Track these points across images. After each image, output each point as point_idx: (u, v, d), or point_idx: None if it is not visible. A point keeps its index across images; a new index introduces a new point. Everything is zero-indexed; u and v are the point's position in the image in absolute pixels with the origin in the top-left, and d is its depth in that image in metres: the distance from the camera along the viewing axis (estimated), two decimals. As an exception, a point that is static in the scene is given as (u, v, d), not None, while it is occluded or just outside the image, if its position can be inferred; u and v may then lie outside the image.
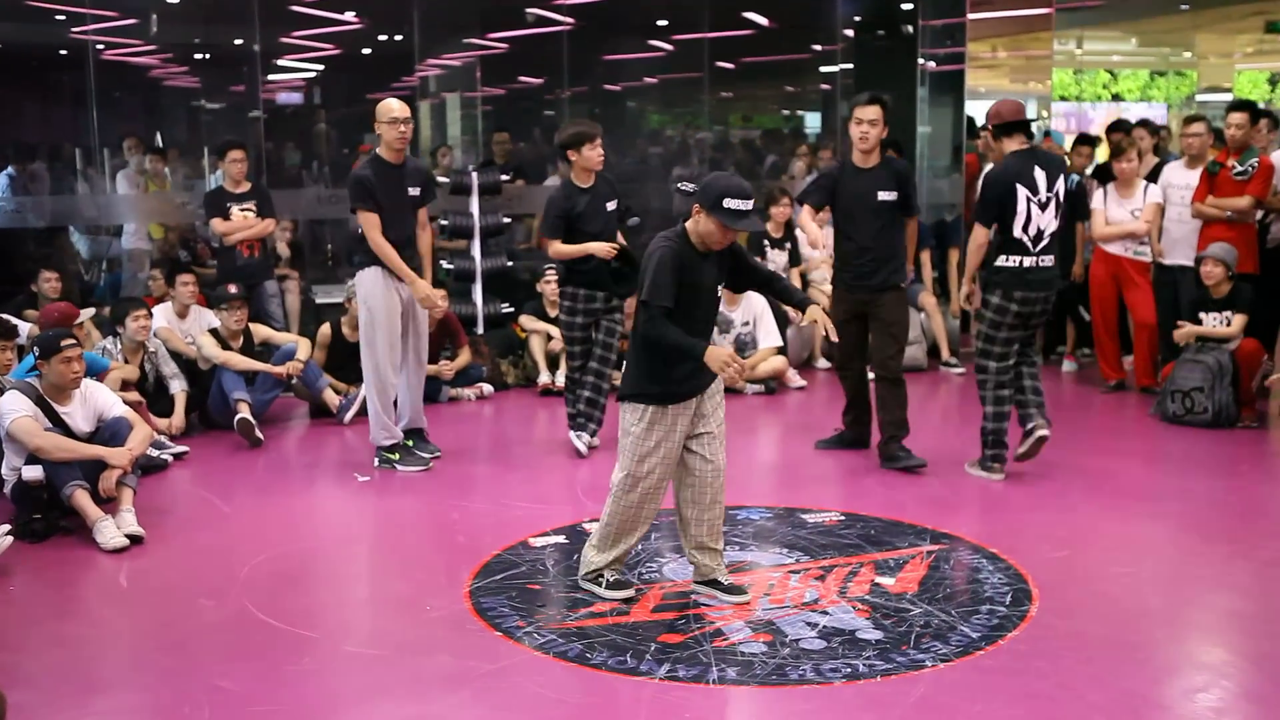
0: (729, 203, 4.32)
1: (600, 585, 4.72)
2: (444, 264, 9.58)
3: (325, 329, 8.26)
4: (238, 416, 7.24)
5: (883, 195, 6.48)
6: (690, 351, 4.34)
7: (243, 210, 8.59)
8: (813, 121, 14.01)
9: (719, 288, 4.58)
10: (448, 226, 9.65)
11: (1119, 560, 5.13)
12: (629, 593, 4.69)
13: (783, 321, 9.06)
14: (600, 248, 6.55)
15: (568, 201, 6.65)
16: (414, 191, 6.65)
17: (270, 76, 11.17)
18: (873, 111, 6.46)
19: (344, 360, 8.00)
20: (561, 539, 5.43)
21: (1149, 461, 6.92)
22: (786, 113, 14.44)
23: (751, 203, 4.36)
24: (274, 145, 11.12)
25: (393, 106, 6.51)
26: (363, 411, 7.81)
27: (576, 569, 4.89)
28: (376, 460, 6.74)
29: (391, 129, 6.51)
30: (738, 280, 4.70)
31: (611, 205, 6.75)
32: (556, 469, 6.71)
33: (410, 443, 6.83)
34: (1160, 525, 5.65)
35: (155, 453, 6.69)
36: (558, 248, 6.66)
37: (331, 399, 7.82)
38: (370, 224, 6.46)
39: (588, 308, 6.74)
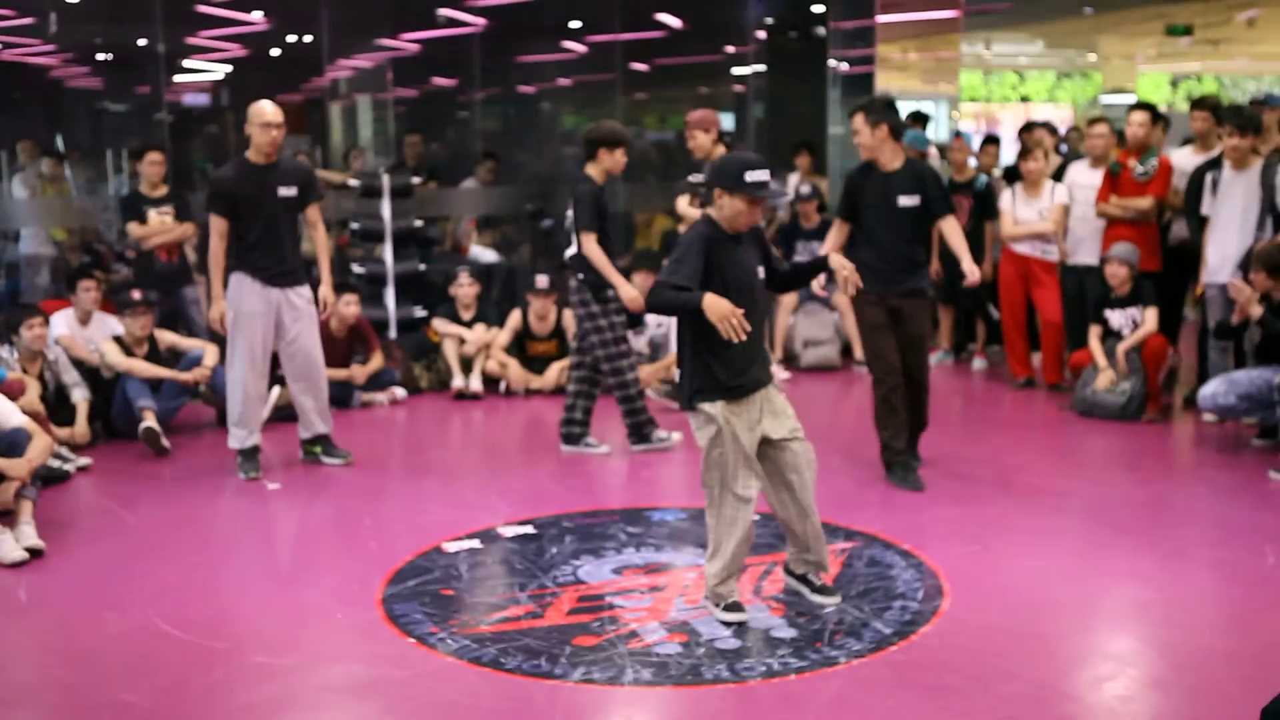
0: (751, 175, 4.27)
1: (718, 606, 4.52)
2: (355, 267, 9.48)
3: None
4: (143, 425, 7.10)
5: (904, 200, 6.16)
6: (686, 304, 4.19)
7: (160, 214, 8.44)
8: (726, 122, 14.07)
9: (760, 273, 4.46)
10: (359, 230, 9.55)
11: (1029, 554, 5.20)
12: (742, 615, 4.48)
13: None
14: (630, 295, 6.54)
15: (601, 197, 6.58)
16: (287, 192, 6.51)
17: (176, 78, 10.98)
18: (853, 122, 6.22)
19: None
20: (476, 543, 5.40)
21: (1057, 456, 7.04)
22: (701, 114, 14.51)
23: (768, 171, 4.32)
24: (179, 148, 10.94)
25: (265, 110, 6.40)
26: (279, 416, 7.73)
27: (491, 573, 4.84)
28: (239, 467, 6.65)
29: (263, 133, 6.39)
30: (767, 275, 4.56)
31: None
32: (471, 473, 6.67)
33: (318, 448, 6.80)
34: (1069, 519, 5.74)
35: (57, 463, 6.54)
36: (593, 248, 6.53)
37: (241, 405, 7.68)
38: (215, 230, 6.39)
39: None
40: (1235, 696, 3.80)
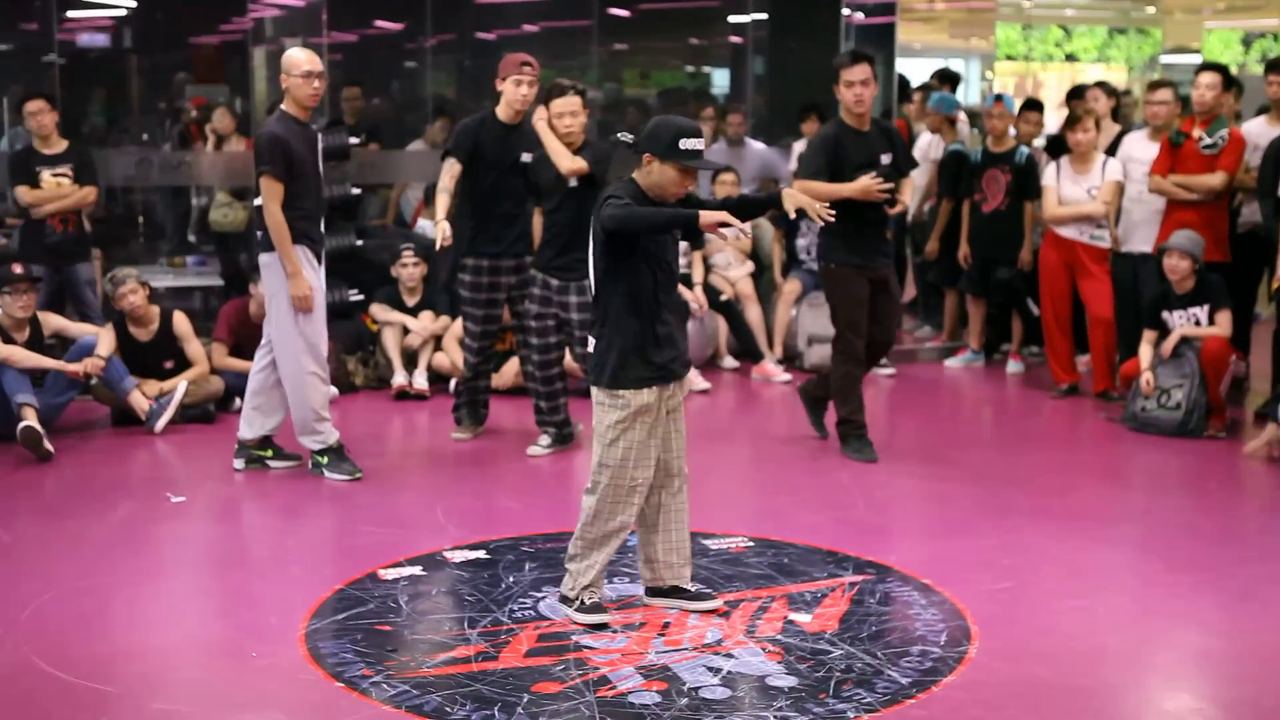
0: (685, 143, 4.54)
1: (571, 606, 4.81)
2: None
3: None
4: (21, 424, 7.06)
5: (885, 159, 6.89)
6: (676, 219, 4.54)
7: (56, 176, 8.40)
8: (720, 80, 14.06)
9: (679, 244, 4.82)
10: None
11: (1070, 592, 5.19)
12: (604, 617, 4.77)
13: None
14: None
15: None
16: (323, 155, 6.84)
17: (69, 14, 10.89)
18: (860, 72, 6.87)
19: (142, 359, 7.85)
20: (418, 570, 5.37)
21: (1106, 478, 7.05)
22: (690, 69, 14.47)
23: (703, 140, 4.61)
24: (73, 96, 10.84)
25: (301, 58, 6.54)
26: (181, 418, 7.68)
27: (436, 605, 4.81)
28: (311, 465, 6.78)
29: (304, 85, 6.53)
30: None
31: None
32: (413, 487, 6.64)
33: (270, 452, 6.91)
34: (1118, 551, 5.74)
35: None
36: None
37: (139, 403, 7.64)
38: (273, 194, 6.47)
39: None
40: (1314, 763, 3.80)
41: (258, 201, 6.55)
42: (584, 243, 5.95)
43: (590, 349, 4.83)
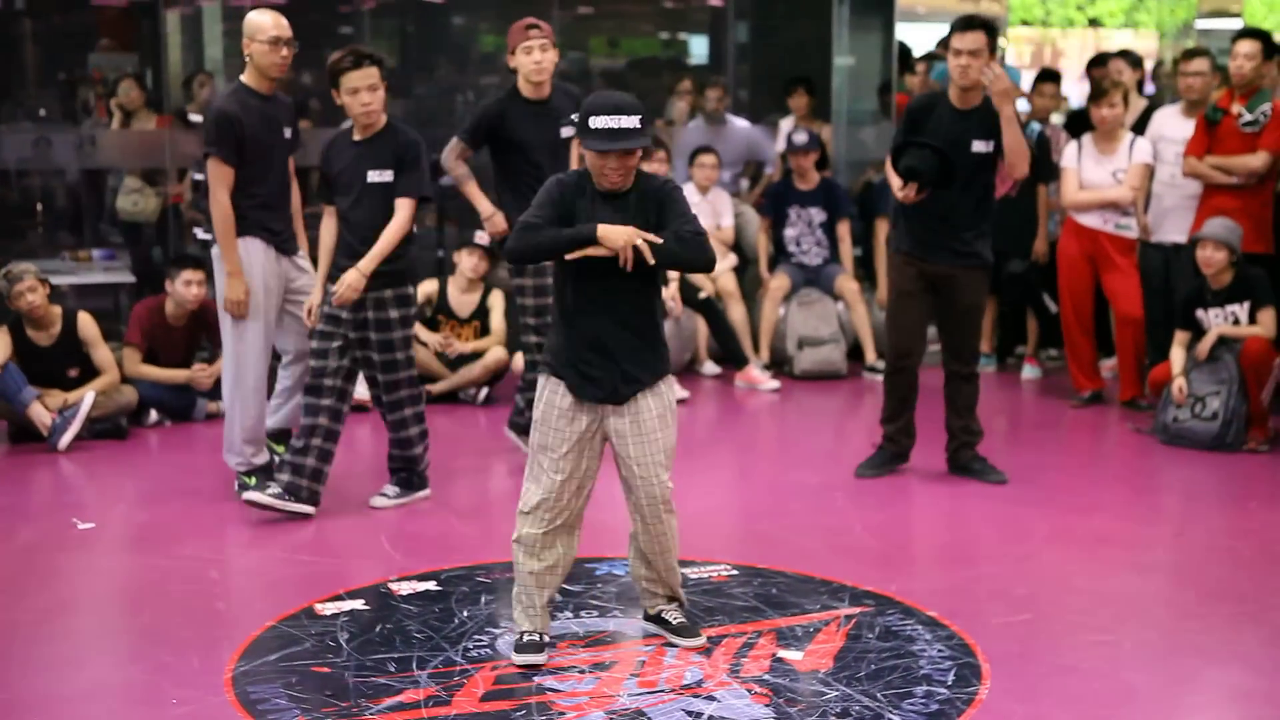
0: (594, 121, 4.56)
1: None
2: (199, 233, 9.43)
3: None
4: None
5: (977, 145, 6.79)
6: (575, 239, 4.59)
7: None
8: (698, 49, 14.11)
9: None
10: (203, 183, 9.50)
11: (1094, 625, 5.24)
12: (538, 657, 4.84)
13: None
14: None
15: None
16: (287, 135, 6.76)
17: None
18: (971, 40, 6.74)
19: (43, 367, 7.85)
20: (360, 604, 5.39)
21: (1134, 496, 7.11)
22: (665, 36, 14.51)
23: (630, 118, 4.56)
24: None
25: (266, 23, 6.53)
26: (89, 434, 7.67)
27: (381, 643, 4.85)
28: (238, 486, 6.75)
29: (270, 52, 6.52)
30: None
31: None
32: (354, 510, 6.65)
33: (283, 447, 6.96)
34: (1148, 579, 5.80)
35: None
36: None
37: (41, 416, 7.63)
38: (220, 179, 6.47)
39: None
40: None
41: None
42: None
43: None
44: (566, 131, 7.00)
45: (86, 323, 8.00)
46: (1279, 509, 6.89)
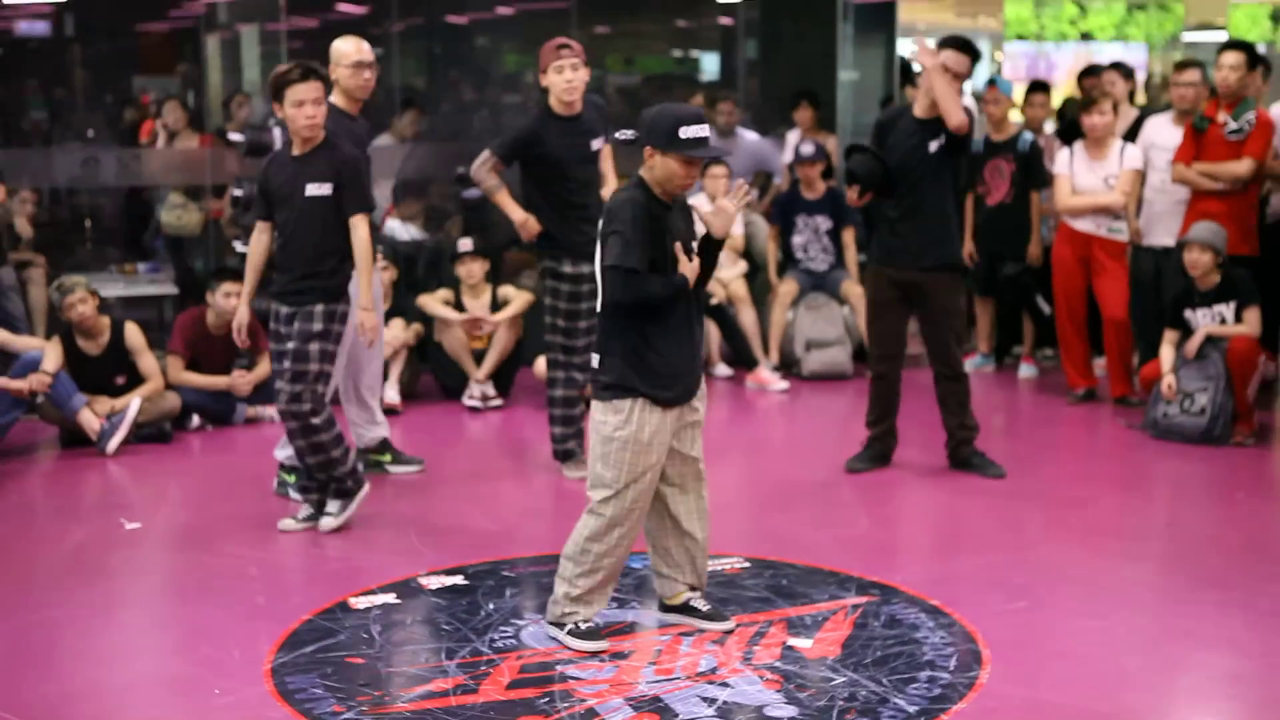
0: (685, 131, 4.63)
1: (564, 630, 4.90)
2: (238, 246, 9.45)
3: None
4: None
5: (932, 145, 6.76)
6: (678, 288, 4.73)
7: None
8: (710, 65, 14.10)
9: (694, 244, 4.87)
10: (241, 198, 9.53)
11: (1089, 612, 5.24)
12: (602, 644, 4.86)
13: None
14: None
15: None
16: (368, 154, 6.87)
17: (6, 0, 10.92)
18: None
19: (92, 375, 7.88)
20: (391, 598, 5.40)
21: (1126, 489, 7.10)
22: (678, 53, 14.52)
23: (708, 126, 4.68)
24: (9, 87, 10.87)
25: (349, 49, 6.65)
26: (135, 438, 7.69)
27: (411, 636, 4.85)
28: (276, 484, 6.80)
29: (353, 76, 6.65)
30: None
31: None
32: (385, 509, 6.65)
33: (389, 457, 7.15)
34: (1140, 568, 5.79)
35: None
36: None
37: (90, 422, 7.66)
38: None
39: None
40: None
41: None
42: (321, 258, 5.99)
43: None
44: (596, 144, 6.99)
45: (133, 332, 8.03)
46: (1264, 500, 6.90)
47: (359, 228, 6.11)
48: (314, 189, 6.07)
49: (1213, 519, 6.49)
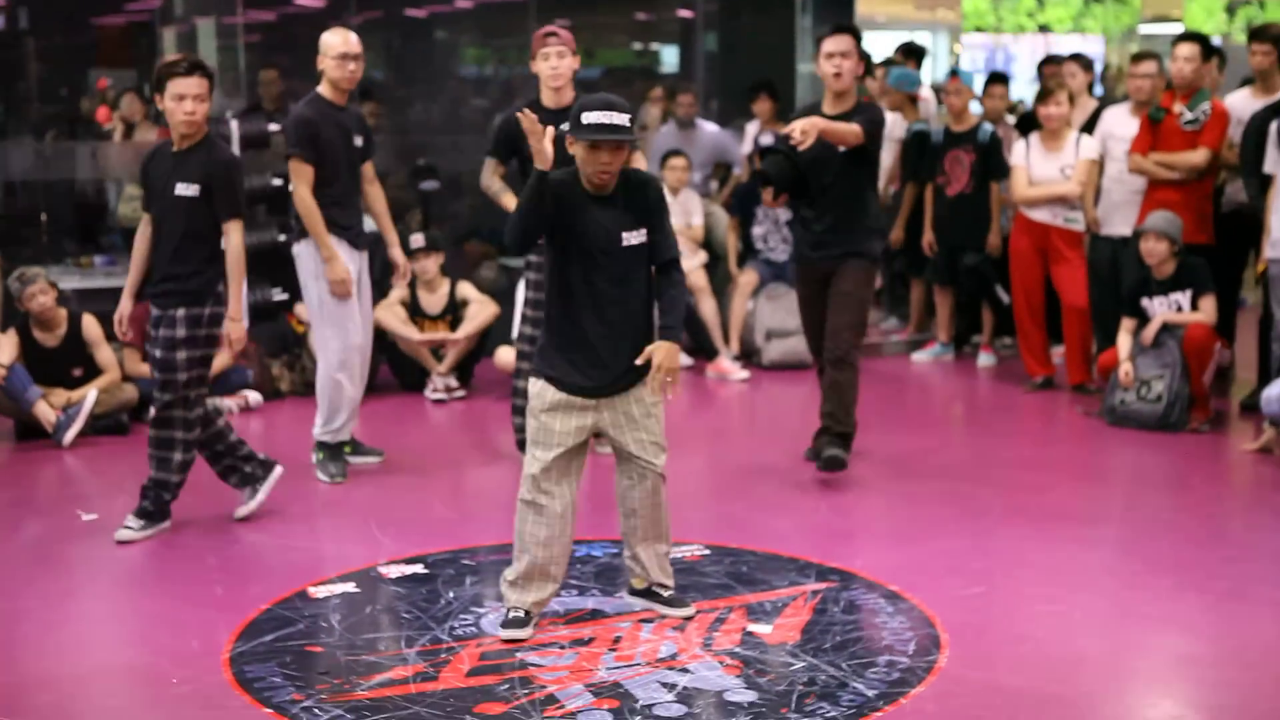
0: (587, 117, 4.62)
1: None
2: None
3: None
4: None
5: (842, 145, 6.67)
6: (530, 191, 4.63)
7: None
8: (670, 58, 14.12)
9: (625, 238, 4.77)
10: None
11: (1046, 596, 5.27)
12: (523, 632, 4.85)
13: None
14: None
15: None
16: (358, 142, 6.95)
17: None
18: (841, 42, 6.68)
19: (48, 367, 7.83)
20: (350, 587, 5.39)
21: (1083, 475, 7.15)
22: (637, 46, 14.53)
23: (621, 115, 4.63)
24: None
25: (336, 41, 6.79)
26: (92, 430, 7.65)
27: (370, 624, 4.87)
28: (316, 459, 6.97)
29: (339, 67, 6.77)
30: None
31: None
32: (344, 498, 6.65)
33: (348, 448, 7.11)
34: (1097, 552, 5.83)
35: None
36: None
37: (46, 414, 7.61)
38: (302, 177, 6.68)
39: None
40: (1300, 769, 3.89)
41: (291, 186, 6.75)
42: (181, 260, 5.90)
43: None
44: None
45: (90, 324, 7.99)
46: (1219, 485, 6.96)
47: (232, 234, 5.98)
48: (182, 189, 5.92)
49: (1169, 504, 6.53)
